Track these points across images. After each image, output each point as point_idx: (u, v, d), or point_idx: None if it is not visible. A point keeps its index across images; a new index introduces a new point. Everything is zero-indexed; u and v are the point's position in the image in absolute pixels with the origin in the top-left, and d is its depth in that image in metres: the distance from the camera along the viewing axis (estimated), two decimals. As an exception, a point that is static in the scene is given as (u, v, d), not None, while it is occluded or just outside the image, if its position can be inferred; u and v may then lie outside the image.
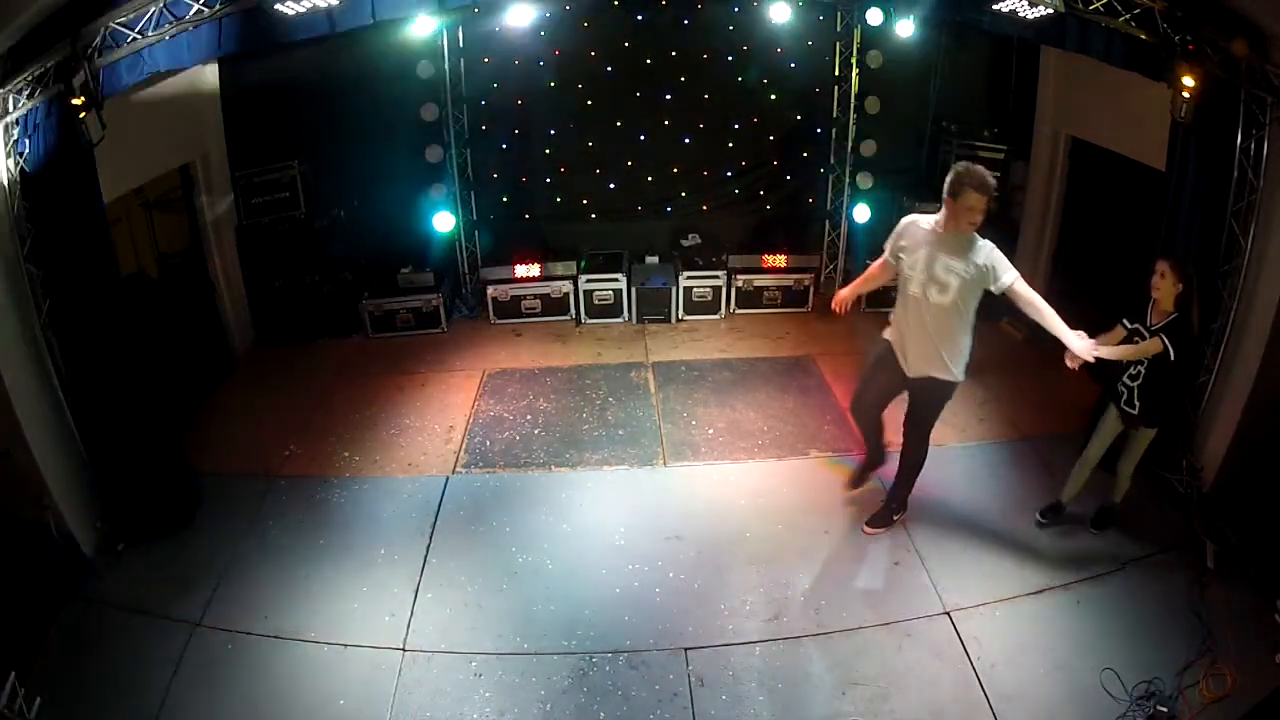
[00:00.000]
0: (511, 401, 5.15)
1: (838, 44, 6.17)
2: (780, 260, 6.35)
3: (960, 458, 4.52)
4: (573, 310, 6.33)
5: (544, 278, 6.25)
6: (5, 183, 3.27)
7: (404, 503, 4.17)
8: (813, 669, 3.18)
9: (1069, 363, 3.40)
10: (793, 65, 6.22)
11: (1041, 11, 3.92)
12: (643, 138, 6.33)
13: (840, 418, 4.87)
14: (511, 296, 6.27)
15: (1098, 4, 3.54)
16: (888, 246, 3.52)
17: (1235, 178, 3.69)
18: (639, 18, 5.96)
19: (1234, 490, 3.90)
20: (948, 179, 3.18)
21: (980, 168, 3.22)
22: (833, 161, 6.52)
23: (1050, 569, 3.64)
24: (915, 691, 3.07)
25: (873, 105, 6.12)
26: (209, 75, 5.32)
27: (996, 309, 6.47)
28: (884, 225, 6.44)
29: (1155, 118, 3.94)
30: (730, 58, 6.14)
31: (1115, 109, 4.87)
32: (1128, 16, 3.52)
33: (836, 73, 6.23)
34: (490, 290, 6.26)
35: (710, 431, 4.77)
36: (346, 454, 4.60)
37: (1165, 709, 2.92)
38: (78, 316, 3.51)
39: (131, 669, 3.18)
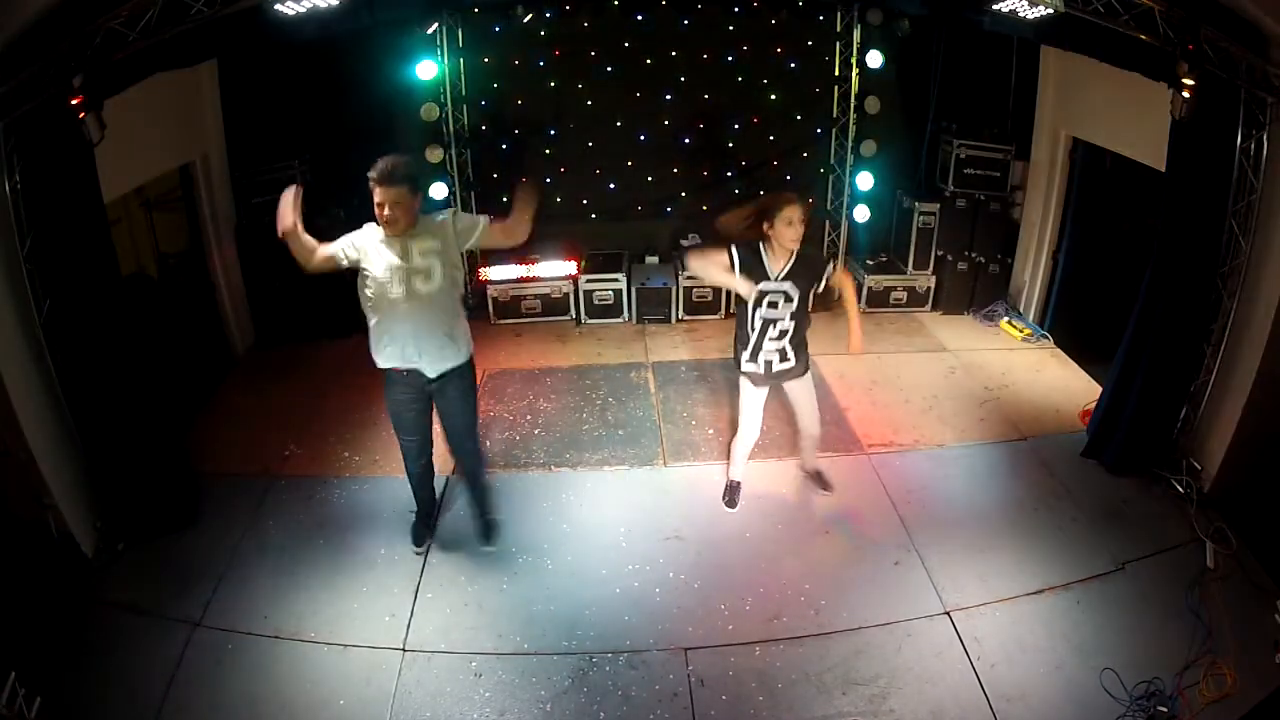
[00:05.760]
0: (511, 401, 5.15)
1: (838, 44, 6.17)
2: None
3: (960, 458, 4.52)
4: (573, 310, 6.33)
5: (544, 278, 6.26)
6: (5, 183, 3.27)
7: (404, 503, 4.15)
8: (813, 669, 3.18)
9: None
10: (793, 65, 6.22)
11: (1041, 11, 3.92)
12: (643, 138, 6.33)
13: (840, 418, 4.87)
14: (511, 296, 6.28)
15: (1097, 4, 3.54)
16: (339, 244, 3.24)
17: (1235, 178, 3.69)
18: (639, 18, 5.96)
19: (1234, 490, 3.91)
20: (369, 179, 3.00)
21: (387, 160, 3.05)
22: (833, 161, 6.52)
23: (1050, 569, 3.64)
24: (915, 691, 3.07)
25: (873, 105, 6.12)
26: (209, 75, 5.32)
27: (997, 309, 6.47)
28: (884, 225, 6.54)
29: (1155, 118, 3.94)
30: (730, 58, 6.14)
31: (1115, 109, 4.87)
32: (1128, 17, 3.52)
33: (837, 73, 6.24)
34: (490, 290, 6.26)
35: (710, 431, 4.77)
36: (346, 454, 4.60)
37: (1165, 709, 2.92)
38: (78, 316, 3.51)
39: (131, 669, 3.17)
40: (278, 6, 3.62)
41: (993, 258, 6.31)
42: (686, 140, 6.35)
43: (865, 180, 6.33)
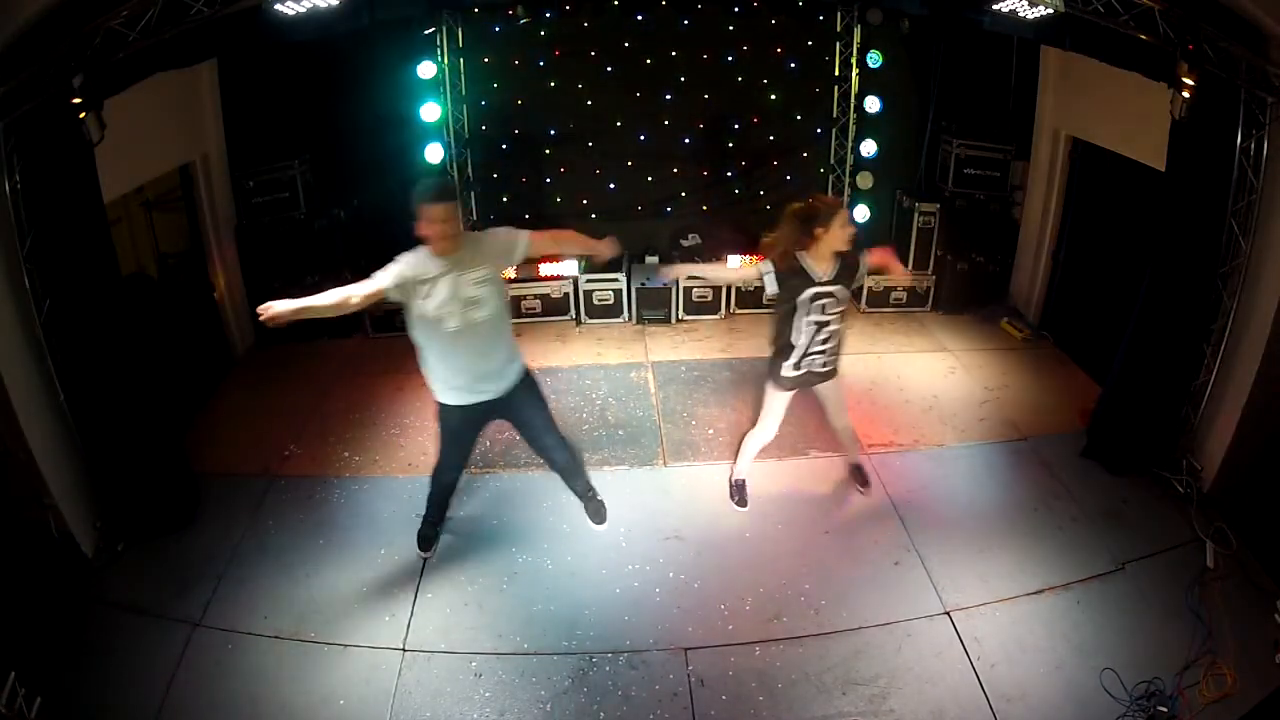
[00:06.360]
0: (511, 401, 5.14)
1: (838, 44, 6.17)
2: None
3: (960, 458, 4.52)
4: (573, 310, 6.33)
5: (544, 278, 6.26)
6: (5, 183, 3.27)
7: (404, 503, 4.17)
8: (813, 669, 3.18)
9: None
10: (793, 65, 6.22)
11: (1041, 11, 3.92)
12: (643, 138, 6.33)
13: (840, 418, 4.87)
14: (511, 296, 6.27)
15: (1097, 4, 3.54)
16: (388, 279, 3.11)
17: (1235, 178, 3.69)
18: (639, 18, 5.96)
19: (1234, 490, 3.91)
20: (419, 203, 3.00)
21: (429, 181, 3.03)
22: (833, 161, 6.52)
23: (1050, 569, 3.64)
24: (915, 691, 3.07)
25: (873, 105, 6.12)
26: (209, 75, 5.32)
27: (996, 309, 6.47)
28: (884, 225, 6.54)
29: (1155, 118, 3.94)
30: (730, 58, 6.13)
31: (1115, 109, 4.87)
32: (1127, 16, 3.52)
33: (837, 73, 6.24)
34: (490, 290, 6.25)
35: (710, 431, 4.77)
36: (346, 454, 4.60)
37: (1165, 709, 2.92)
38: (78, 316, 3.51)
39: (131, 669, 3.18)
40: (278, 6, 3.63)
41: (993, 258, 6.31)
42: (686, 140, 6.35)
43: (865, 180, 6.33)
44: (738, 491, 4.14)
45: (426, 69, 5.74)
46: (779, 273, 3.42)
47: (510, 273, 6.08)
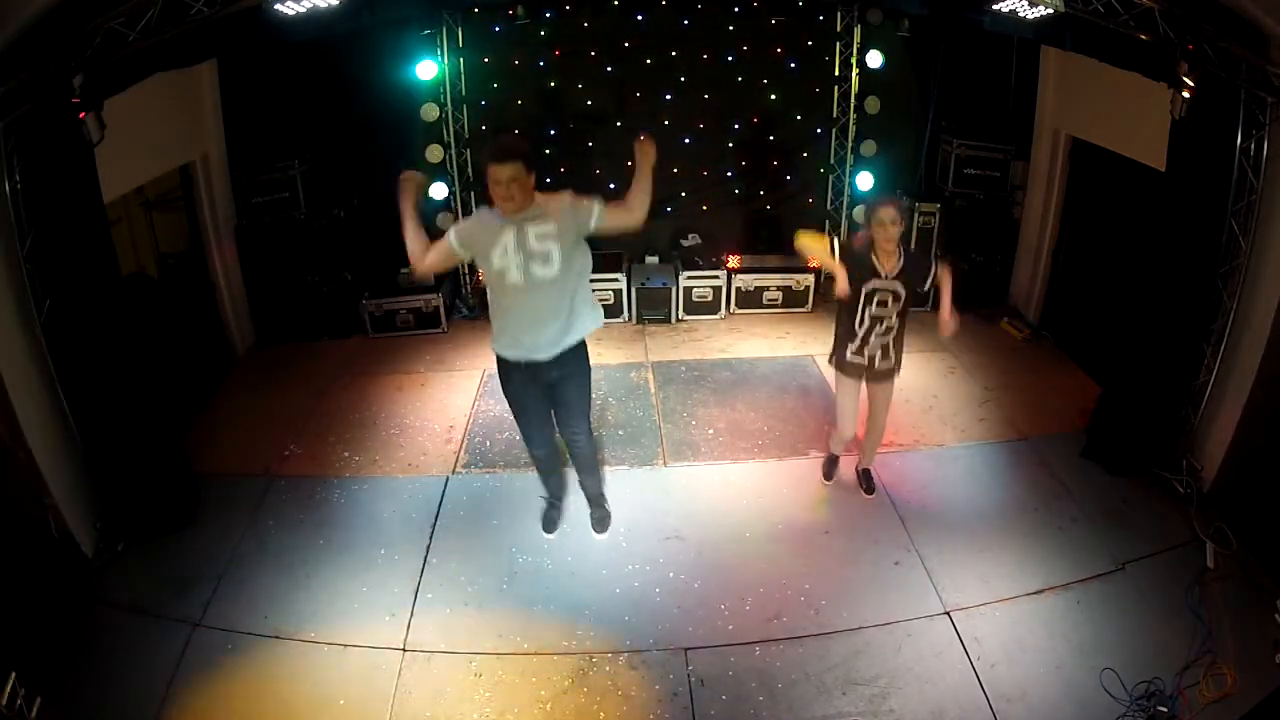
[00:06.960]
0: (511, 401, 5.14)
1: (838, 44, 6.18)
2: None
3: (960, 458, 4.52)
4: (573, 310, 6.32)
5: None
6: (5, 183, 3.27)
7: (404, 503, 4.17)
8: (813, 669, 3.18)
9: None
10: (793, 65, 6.22)
11: (1041, 11, 3.92)
12: (641, 138, 6.31)
13: (840, 418, 4.87)
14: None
15: (1097, 4, 3.54)
16: (453, 234, 3.12)
17: (1235, 178, 3.68)
18: (639, 18, 5.96)
19: (1234, 490, 3.91)
20: (483, 164, 2.99)
21: (500, 139, 3.10)
22: (833, 161, 6.52)
23: (1050, 569, 3.64)
24: (915, 691, 3.07)
25: (873, 105, 6.13)
26: (209, 75, 5.32)
27: (996, 309, 6.46)
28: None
29: (1155, 118, 3.94)
30: (730, 58, 6.14)
31: (1115, 109, 4.87)
32: (1128, 16, 3.52)
33: (837, 73, 6.24)
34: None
35: (710, 431, 4.77)
36: (346, 454, 4.60)
37: (1165, 709, 2.92)
38: (78, 316, 3.51)
39: (131, 669, 3.18)
40: (278, 6, 3.63)
41: (993, 258, 6.31)
42: (686, 140, 6.35)
43: (865, 180, 6.34)
44: (829, 465, 4.32)
45: (426, 69, 5.75)
46: (844, 258, 3.52)
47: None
